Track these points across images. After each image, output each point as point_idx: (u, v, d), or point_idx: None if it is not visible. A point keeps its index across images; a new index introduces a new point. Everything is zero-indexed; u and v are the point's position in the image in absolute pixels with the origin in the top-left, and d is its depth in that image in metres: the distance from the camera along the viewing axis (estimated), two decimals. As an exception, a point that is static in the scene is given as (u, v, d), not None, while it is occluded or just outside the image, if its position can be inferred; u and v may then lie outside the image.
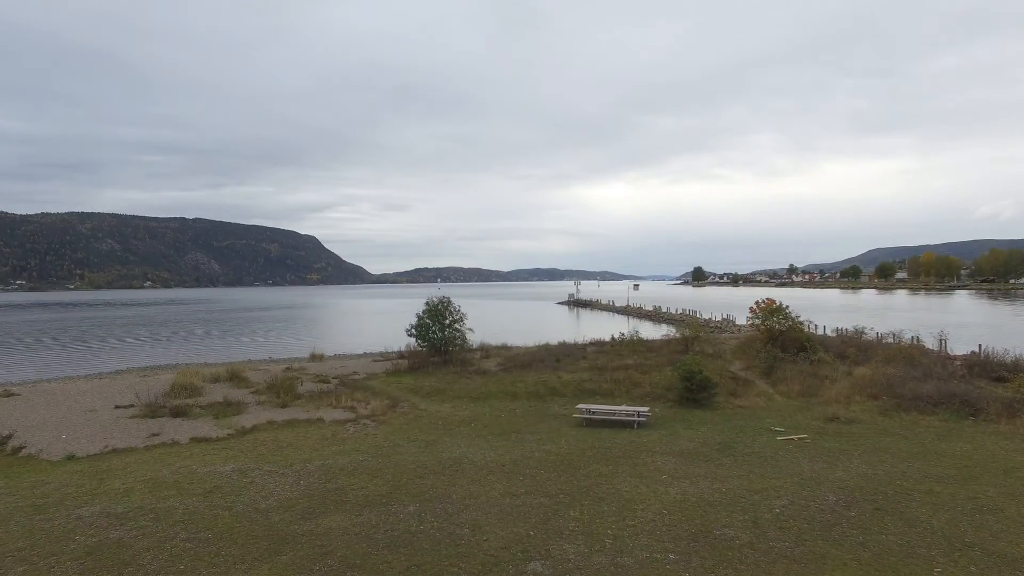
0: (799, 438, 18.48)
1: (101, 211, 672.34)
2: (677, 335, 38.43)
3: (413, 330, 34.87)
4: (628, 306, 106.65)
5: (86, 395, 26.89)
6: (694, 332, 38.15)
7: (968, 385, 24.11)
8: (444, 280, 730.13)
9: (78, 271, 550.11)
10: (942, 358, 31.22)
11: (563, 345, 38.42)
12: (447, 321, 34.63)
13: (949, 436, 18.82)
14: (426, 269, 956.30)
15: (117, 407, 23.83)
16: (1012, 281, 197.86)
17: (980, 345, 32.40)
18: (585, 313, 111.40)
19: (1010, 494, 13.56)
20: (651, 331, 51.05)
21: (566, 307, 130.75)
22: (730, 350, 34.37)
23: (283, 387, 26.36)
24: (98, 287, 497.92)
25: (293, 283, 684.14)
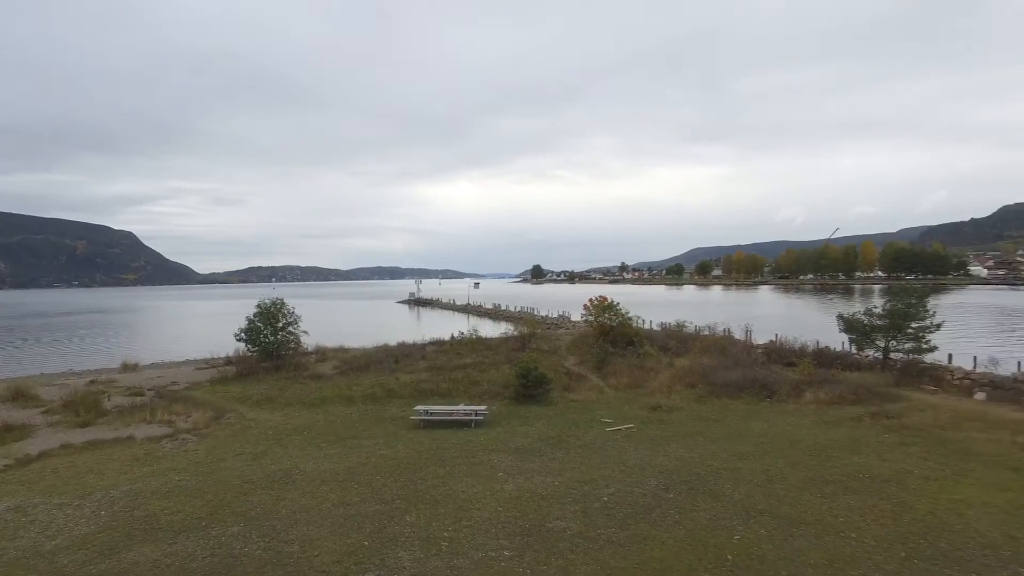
0: (626, 428, 19.70)
1: None
2: (515, 333, 39.46)
3: (243, 334, 32.59)
4: (468, 304, 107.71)
5: None
6: (531, 329, 39.46)
7: (766, 370, 27.19)
8: (280, 279, 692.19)
9: None
10: (748, 347, 34.99)
11: (402, 345, 37.98)
12: (280, 324, 32.79)
13: (751, 417, 21.06)
14: (260, 268, 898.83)
15: None
16: (801, 277, 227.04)
17: (776, 335, 36.74)
18: (426, 312, 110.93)
19: (793, 464, 15.43)
20: (490, 329, 51.91)
21: (407, 306, 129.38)
22: (565, 346, 35.93)
23: (85, 403, 23.33)
24: None
25: (105, 284, 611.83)
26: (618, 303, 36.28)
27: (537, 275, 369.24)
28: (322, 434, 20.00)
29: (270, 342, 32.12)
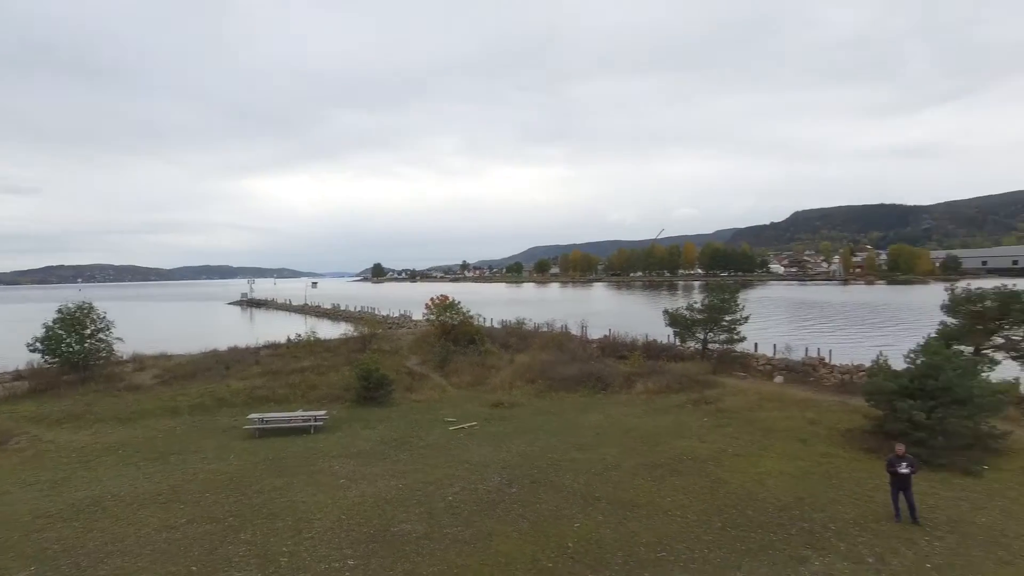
0: (469, 426, 19.91)
1: None
2: (355, 333, 38.35)
3: (39, 343, 28.56)
4: (306, 305, 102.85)
5: None
6: (372, 330, 38.61)
7: (601, 364, 28.80)
8: (88, 280, 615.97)
9: None
10: (584, 342, 36.81)
11: (234, 350, 35.40)
12: (88, 331, 29.18)
13: (587, 409, 22.20)
14: (62, 267, 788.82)
15: None
16: (632, 275, 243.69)
17: (610, 330, 39.02)
18: (260, 313, 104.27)
19: (627, 451, 16.50)
20: (329, 330, 50.01)
21: (239, 308, 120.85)
22: (407, 346, 35.58)
23: None
24: None
25: None
26: (459, 302, 36.58)
27: (378, 274, 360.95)
28: (140, 452, 18.07)
29: (75, 351, 28.47)
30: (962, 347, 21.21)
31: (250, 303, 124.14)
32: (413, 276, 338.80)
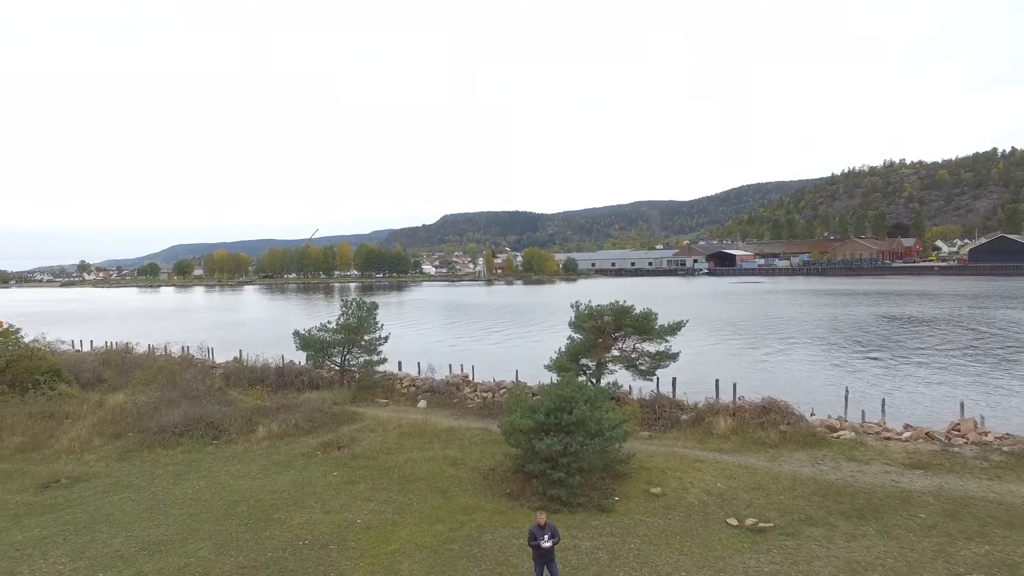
0: (-25, 538, 13.22)
1: None
2: None
3: None
4: None
5: None
6: None
7: (220, 401, 23.46)
8: None
9: None
10: (205, 370, 30.60)
11: None
12: None
13: (188, 472, 17.07)
14: None
15: None
16: (286, 276, 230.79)
17: (241, 351, 33.43)
18: None
19: (223, 545, 12.24)
20: None
21: None
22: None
23: None
24: None
25: None
26: (19, 329, 27.07)
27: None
28: None
29: None
30: (587, 360, 21.97)
31: None
32: (6, 279, 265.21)
